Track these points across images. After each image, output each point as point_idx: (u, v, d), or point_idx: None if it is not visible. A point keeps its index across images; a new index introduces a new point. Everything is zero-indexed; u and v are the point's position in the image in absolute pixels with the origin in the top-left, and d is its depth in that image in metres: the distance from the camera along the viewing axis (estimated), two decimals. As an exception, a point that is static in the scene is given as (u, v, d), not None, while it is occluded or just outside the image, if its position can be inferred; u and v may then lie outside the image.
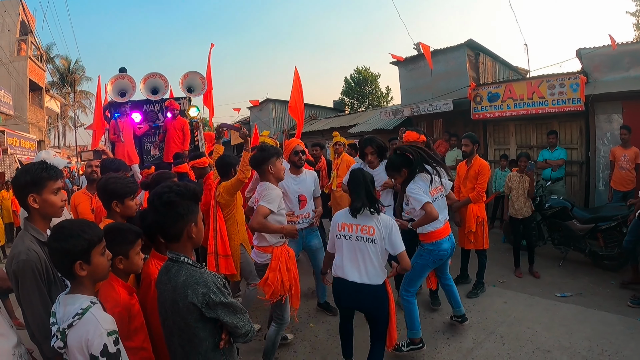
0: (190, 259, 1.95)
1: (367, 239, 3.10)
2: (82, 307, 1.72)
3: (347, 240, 3.19)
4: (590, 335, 4.19)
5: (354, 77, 33.28)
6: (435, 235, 3.90)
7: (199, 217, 2.02)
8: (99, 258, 1.86)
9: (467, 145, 5.40)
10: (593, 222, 6.10)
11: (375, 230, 3.08)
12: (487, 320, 4.63)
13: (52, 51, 31.41)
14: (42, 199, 2.22)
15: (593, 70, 8.60)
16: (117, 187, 2.72)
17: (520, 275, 6.02)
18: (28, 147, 17.52)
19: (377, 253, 3.11)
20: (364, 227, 3.12)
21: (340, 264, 3.23)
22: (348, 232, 3.18)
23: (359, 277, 3.13)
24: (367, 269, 3.12)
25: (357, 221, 3.15)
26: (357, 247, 3.13)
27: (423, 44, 9.58)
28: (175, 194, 1.90)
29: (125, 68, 8.39)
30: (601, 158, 8.24)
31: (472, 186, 5.32)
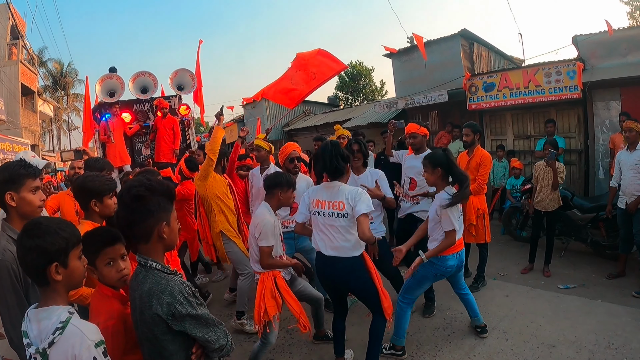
0: (159, 264, 1.77)
1: (338, 214, 3.18)
2: (62, 320, 1.52)
3: (321, 217, 3.28)
4: (595, 327, 4.06)
5: (348, 71, 32.99)
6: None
7: (172, 217, 1.82)
8: (76, 262, 1.65)
9: (467, 135, 5.21)
10: (594, 212, 6.00)
11: (345, 204, 3.14)
12: (489, 315, 4.46)
13: (44, 55, 31.20)
14: (20, 197, 2.20)
15: (590, 57, 8.48)
16: (95, 185, 2.59)
17: (525, 271, 5.76)
18: (20, 151, 17.33)
19: (349, 226, 3.18)
20: (334, 203, 3.19)
21: (316, 237, 3.36)
22: (321, 209, 3.27)
23: (334, 251, 3.23)
24: (340, 243, 3.20)
25: (329, 197, 3.24)
26: (330, 222, 3.22)
27: (416, 35, 9.43)
28: (145, 188, 1.73)
29: (115, 67, 8.27)
30: (600, 146, 8.13)
31: (473, 177, 4.99)
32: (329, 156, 3.22)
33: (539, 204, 5.69)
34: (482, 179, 5.04)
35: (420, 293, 3.96)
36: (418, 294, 3.91)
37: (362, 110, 15.41)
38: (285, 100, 6.44)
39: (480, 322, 4.14)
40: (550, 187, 5.55)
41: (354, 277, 3.25)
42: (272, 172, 4.52)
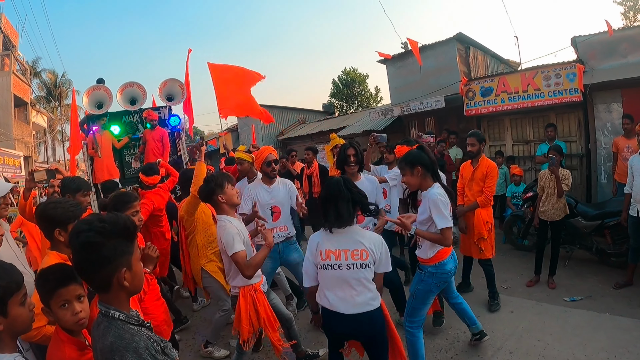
0: (123, 313, 1.52)
1: (360, 264, 2.63)
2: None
3: (335, 270, 2.68)
4: (606, 344, 3.84)
5: (342, 78, 33.17)
6: (438, 255, 3.40)
7: (134, 259, 1.57)
8: (17, 309, 1.51)
9: (473, 144, 4.93)
10: (599, 219, 5.82)
11: (369, 253, 2.63)
12: (493, 334, 4.22)
13: (38, 65, 31.06)
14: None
15: (589, 58, 8.33)
16: (57, 212, 2.38)
17: (531, 284, 5.49)
18: (13, 164, 17.15)
19: (371, 275, 2.69)
20: (354, 252, 2.63)
21: (329, 297, 2.75)
22: (336, 260, 2.67)
23: (354, 308, 2.68)
24: (364, 297, 2.68)
25: (345, 245, 2.66)
26: (349, 275, 2.66)
27: (410, 40, 9.29)
28: (96, 233, 1.45)
29: (102, 79, 8.09)
30: (602, 150, 7.97)
31: (478, 189, 4.88)
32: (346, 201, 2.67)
33: (544, 214, 5.43)
34: (490, 191, 4.81)
35: (426, 311, 3.62)
36: (424, 314, 3.57)
37: (357, 118, 15.33)
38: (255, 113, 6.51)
39: (478, 329, 3.98)
40: (556, 196, 5.30)
41: (379, 330, 2.78)
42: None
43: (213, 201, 3.32)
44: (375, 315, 2.73)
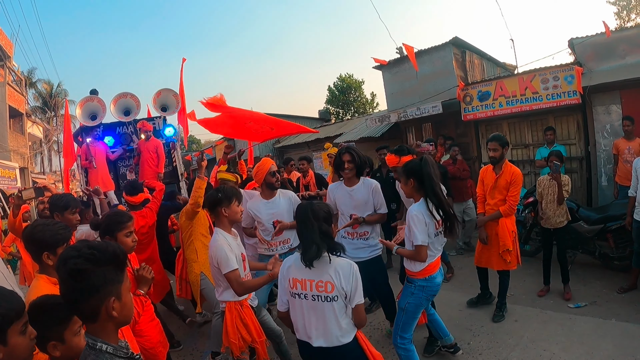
0: (111, 346, 1.43)
1: (325, 297, 2.48)
2: None
3: (303, 300, 2.56)
4: (612, 352, 3.76)
5: (338, 85, 33.24)
6: (428, 269, 3.35)
7: (123, 289, 1.48)
8: (17, 338, 1.46)
9: (495, 149, 4.59)
10: (601, 223, 5.73)
11: (334, 286, 2.46)
12: (497, 345, 4.15)
13: (34, 76, 31.02)
14: None
15: (587, 60, 8.28)
16: (45, 236, 2.28)
17: (542, 293, 5.30)
18: (8, 175, 17.05)
19: (342, 309, 2.51)
20: (319, 284, 2.49)
21: (300, 327, 2.62)
22: (302, 290, 2.54)
23: (324, 341, 2.53)
24: (332, 330, 2.51)
25: (312, 275, 2.51)
26: (316, 307, 2.52)
27: (406, 45, 9.23)
28: (85, 260, 1.38)
29: (96, 90, 8.04)
30: (602, 152, 7.91)
31: (502, 197, 4.61)
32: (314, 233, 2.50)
33: (546, 222, 5.27)
34: (514, 200, 4.55)
35: (415, 325, 3.52)
36: (414, 327, 3.49)
37: (353, 125, 15.29)
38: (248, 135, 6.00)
39: (450, 341, 3.94)
40: (556, 203, 5.15)
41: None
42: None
43: (216, 212, 3.30)
44: (347, 351, 2.56)
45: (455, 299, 5.33)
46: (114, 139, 7.85)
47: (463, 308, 5.09)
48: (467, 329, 4.54)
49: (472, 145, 10.03)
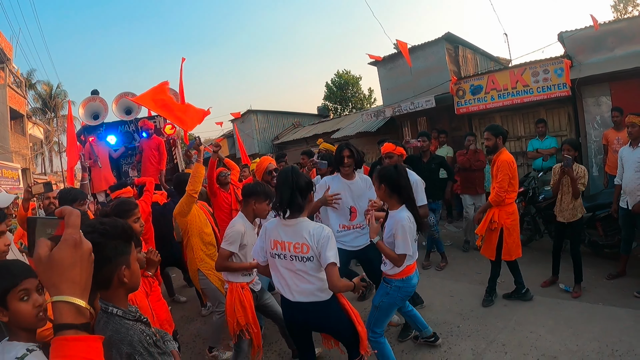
0: (120, 309, 1.63)
1: (301, 257, 2.77)
2: (17, 356, 1.55)
3: (281, 260, 2.86)
4: (598, 334, 3.92)
5: (335, 81, 33.22)
6: (406, 270, 3.44)
7: (132, 259, 1.68)
8: (17, 304, 1.63)
9: (488, 139, 4.71)
10: (590, 211, 5.84)
11: (310, 247, 2.73)
12: (486, 327, 4.33)
13: (33, 77, 31.13)
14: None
15: (577, 53, 8.42)
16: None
17: (546, 284, 5.26)
18: (11, 176, 17.17)
19: (317, 269, 2.79)
20: (296, 245, 2.77)
21: (281, 284, 2.92)
22: (281, 251, 2.84)
23: (302, 296, 2.83)
24: (309, 287, 2.81)
25: (290, 237, 2.81)
26: (294, 265, 2.81)
27: (400, 42, 9.37)
28: (99, 234, 1.55)
29: (97, 90, 8.21)
30: (592, 143, 8.05)
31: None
32: (289, 188, 2.79)
33: (559, 215, 5.14)
34: (499, 187, 4.56)
35: (388, 322, 3.71)
36: (386, 324, 3.66)
37: (350, 120, 15.41)
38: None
39: (429, 333, 4.06)
40: (571, 196, 4.98)
41: (331, 321, 2.93)
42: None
43: (247, 201, 3.52)
44: (325, 307, 2.83)
45: (447, 286, 5.53)
46: (116, 138, 8.02)
47: (455, 294, 5.25)
48: (457, 314, 4.71)
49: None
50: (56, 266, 0.85)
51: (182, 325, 5.29)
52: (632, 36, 7.87)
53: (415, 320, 4.05)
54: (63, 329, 0.82)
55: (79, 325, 0.84)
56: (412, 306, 4.22)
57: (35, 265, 0.86)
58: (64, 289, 0.85)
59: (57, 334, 0.82)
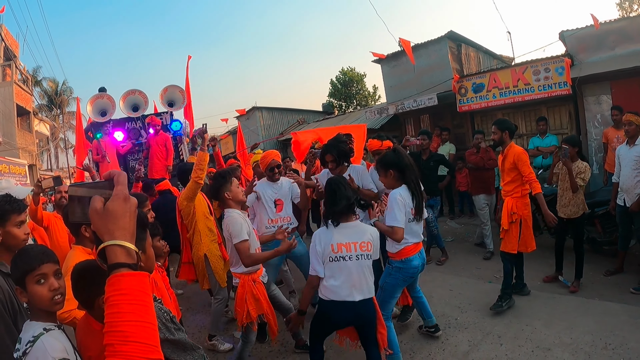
0: None
1: (367, 255, 2.97)
2: (34, 335, 1.67)
3: (347, 262, 2.97)
4: (592, 328, 4.02)
5: (340, 78, 33.27)
6: (404, 252, 3.60)
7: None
8: (33, 286, 1.76)
9: (495, 132, 4.73)
10: (589, 208, 5.88)
11: (372, 245, 2.97)
12: (483, 320, 4.46)
13: (38, 74, 31.33)
14: (5, 231, 2.37)
15: (578, 51, 8.51)
16: None
17: (548, 279, 5.36)
18: (18, 172, 17.36)
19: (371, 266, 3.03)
20: (362, 244, 2.96)
21: (344, 287, 2.99)
22: (347, 252, 2.95)
23: (364, 294, 3.01)
24: (369, 284, 3.01)
25: (354, 237, 2.98)
26: (360, 265, 2.97)
27: (403, 40, 9.46)
28: None
29: (104, 87, 8.35)
30: (593, 141, 8.12)
31: (509, 179, 4.65)
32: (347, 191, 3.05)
33: (560, 210, 5.24)
34: (532, 177, 4.47)
35: (394, 303, 3.87)
36: (393, 305, 3.82)
37: (354, 117, 15.49)
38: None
39: (432, 323, 4.18)
40: (570, 191, 5.08)
41: (374, 312, 3.13)
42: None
43: (221, 198, 3.52)
44: (372, 303, 3.07)
45: (448, 280, 5.66)
46: (123, 134, 8.17)
47: (454, 288, 5.38)
48: (456, 307, 4.85)
49: (468, 136, 10.22)
50: (110, 216, 1.01)
51: (188, 317, 5.43)
52: (633, 35, 7.95)
53: (422, 308, 4.17)
54: (117, 268, 0.97)
55: (130, 264, 0.98)
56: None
57: (91, 216, 1.02)
58: (117, 235, 1.00)
59: (112, 272, 0.96)
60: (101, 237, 1.01)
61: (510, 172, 4.63)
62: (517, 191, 4.64)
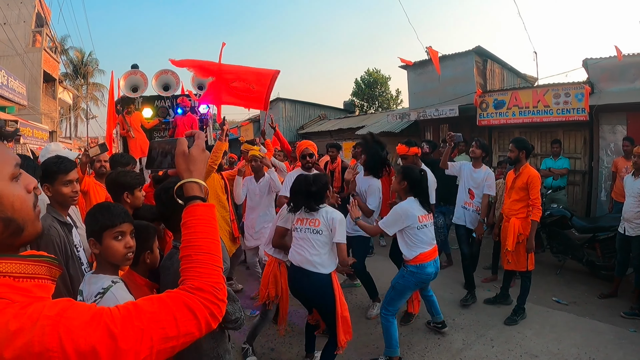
0: None
1: (312, 230, 3.41)
2: (104, 287, 1.82)
3: (297, 232, 3.51)
4: (579, 342, 4.25)
5: (365, 78, 33.28)
6: (420, 258, 3.86)
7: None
8: (110, 241, 1.95)
9: (512, 150, 4.89)
10: (591, 232, 6.12)
11: (321, 222, 3.39)
12: (478, 324, 4.73)
13: (66, 43, 31.73)
14: (54, 189, 2.58)
15: (599, 80, 8.71)
16: (127, 179, 2.95)
17: (486, 281, 6.17)
18: (40, 137, 17.67)
19: (324, 244, 3.40)
20: (311, 221, 3.44)
21: (292, 252, 3.55)
22: (300, 225, 3.50)
23: (305, 263, 3.41)
24: (313, 257, 3.38)
25: (307, 215, 3.48)
26: (306, 237, 3.44)
27: (431, 49, 9.64)
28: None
29: (137, 65, 8.64)
30: (604, 168, 8.30)
31: (517, 198, 4.83)
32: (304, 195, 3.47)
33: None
34: (538, 201, 4.68)
35: (402, 304, 4.17)
36: (399, 305, 4.10)
37: (375, 119, 15.69)
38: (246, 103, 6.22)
39: (440, 319, 4.49)
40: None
41: (319, 294, 3.43)
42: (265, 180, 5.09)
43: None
44: (318, 279, 3.39)
45: (449, 284, 5.94)
46: (152, 111, 8.49)
47: (454, 291, 5.66)
48: (454, 309, 5.13)
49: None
50: (191, 159, 1.33)
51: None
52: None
53: (432, 305, 4.49)
54: (193, 199, 1.29)
55: (202, 197, 1.31)
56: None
57: (177, 157, 1.34)
58: (195, 174, 1.33)
59: (188, 203, 1.29)
60: (181, 175, 1.34)
61: (519, 191, 4.80)
62: (522, 212, 4.82)
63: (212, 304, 1.11)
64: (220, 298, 1.14)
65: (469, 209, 5.44)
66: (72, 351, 0.80)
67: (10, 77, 15.89)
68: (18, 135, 6.56)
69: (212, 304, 1.11)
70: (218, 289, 1.15)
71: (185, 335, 1.02)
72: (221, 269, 1.21)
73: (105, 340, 0.84)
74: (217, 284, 1.15)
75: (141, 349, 0.90)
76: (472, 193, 5.35)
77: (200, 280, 1.15)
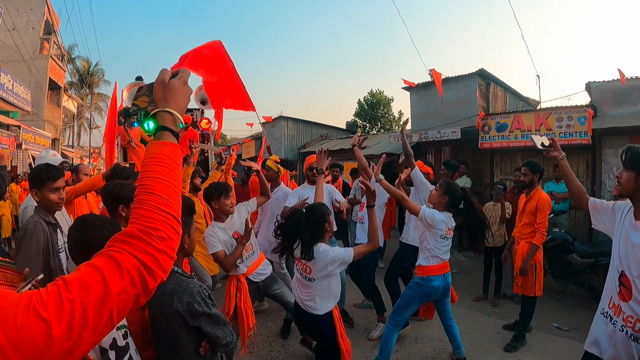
0: (180, 269, 2.12)
1: (305, 276, 3.26)
2: None
3: (296, 272, 3.40)
4: (580, 371, 4.18)
5: (368, 99, 33.57)
6: (427, 270, 3.86)
7: (192, 229, 2.17)
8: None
9: (526, 174, 4.82)
10: (593, 257, 6.05)
11: (312, 269, 3.18)
12: (477, 350, 4.65)
13: (73, 52, 32.01)
14: (42, 194, 2.86)
15: (602, 103, 8.71)
16: (123, 192, 2.90)
17: (477, 300, 6.25)
18: (42, 143, 17.73)
19: (316, 289, 3.22)
20: (304, 265, 3.24)
21: (293, 287, 3.52)
22: (297, 266, 3.37)
23: (301, 303, 3.32)
24: (307, 302, 3.27)
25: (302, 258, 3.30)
26: (301, 280, 3.31)
27: (435, 71, 9.69)
28: None
29: (141, 77, 8.60)
30: (606, 192, 8.24)
31: (527, 222, 4.79)
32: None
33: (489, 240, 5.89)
34: (543, 227, 4.66)
35: (409, 314, 4.12)
36: (407, 316, 4.08)
37: (377, 140, 15.70)
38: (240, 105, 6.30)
39: (461, 355, 4.27)
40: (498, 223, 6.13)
41: (318, 332, 3.38)
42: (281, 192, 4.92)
43: (211, 206, 3.89)
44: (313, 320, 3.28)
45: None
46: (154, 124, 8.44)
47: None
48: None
49: (486, 172, 10.45)
50: (170, 89, 1.23)
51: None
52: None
53: (452, 337, 4.29)
54: (162, 130, 1.18)
55: (174, 131, 1.19)
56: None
57: (155, 85, 1.24)
58: (171, 105, 1.22)
59: (156, 134, 1.17)
60: (157, 104, 1.23)
61: (530, 214, 4.75)
62: (532, 236, 4.76)
63: (144, 252, 0.94)
64: (157, 246, 0.97)
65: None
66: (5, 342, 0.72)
67: (15, 82, 16.00)
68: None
69: (143, 253, 0.94)
70: (154, 236, 0.97)
71: (119, 294, 0.87)
72: (170, 215, 1.04)
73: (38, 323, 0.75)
74: (154, 230, 0.98)
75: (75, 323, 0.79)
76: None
77: (133, 224, 0.99)
